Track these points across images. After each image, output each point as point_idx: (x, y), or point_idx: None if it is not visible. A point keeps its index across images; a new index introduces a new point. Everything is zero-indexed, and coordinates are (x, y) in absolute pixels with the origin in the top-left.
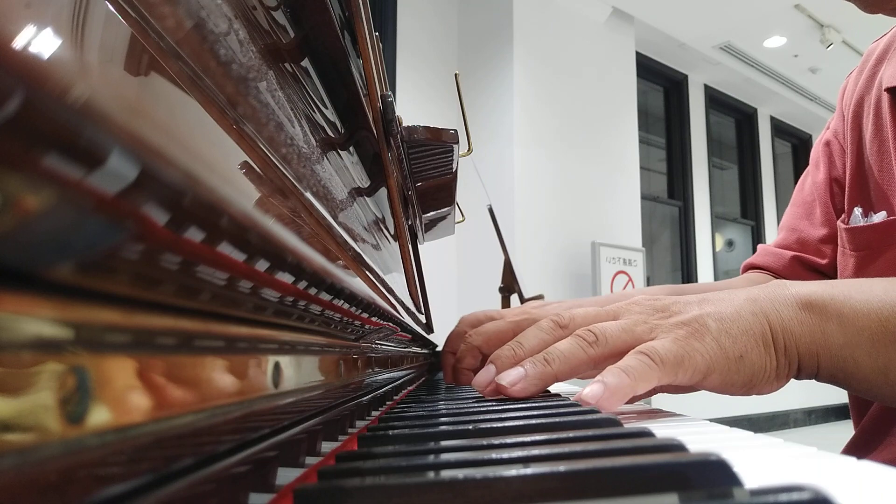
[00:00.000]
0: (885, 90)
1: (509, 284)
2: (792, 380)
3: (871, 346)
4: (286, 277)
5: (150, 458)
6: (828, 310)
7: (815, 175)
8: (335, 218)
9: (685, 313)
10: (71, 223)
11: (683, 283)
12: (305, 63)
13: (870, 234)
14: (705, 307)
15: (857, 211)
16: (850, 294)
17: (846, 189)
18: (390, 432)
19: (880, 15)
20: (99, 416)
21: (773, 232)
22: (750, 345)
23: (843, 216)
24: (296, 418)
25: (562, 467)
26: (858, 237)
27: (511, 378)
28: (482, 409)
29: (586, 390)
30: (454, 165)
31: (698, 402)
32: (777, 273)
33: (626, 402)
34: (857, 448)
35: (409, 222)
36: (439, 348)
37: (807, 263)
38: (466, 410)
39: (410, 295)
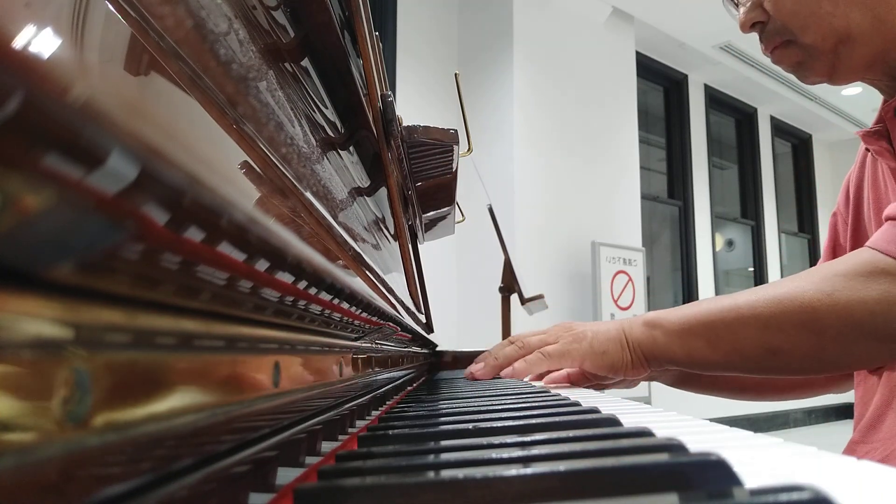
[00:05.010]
0: (865, 149)
1: (509, 284)
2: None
3: (679, 342)
4: (286, 277)
5: (150, 457)
6: (656, 324)
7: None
8: (335, 218)
9: (576, 331)
10: (71, 223)
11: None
12: (305, 63)
13: None
14: (591, 328)
15: None
16: (671, 312)
17: (847, 250)
18: (390, 432)
19: None
20: (99, 415)
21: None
22: (611, 346)
23: None
24: (296, 418)
25: (562, 467)
26: None
27: (475, 367)
28: (482, 408)
29: (504, 371)
30: (454, 165)
31: (699, 403)
32: None
33: (537, 379)
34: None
35: (409, 222)
36: (439, 348)
37: None
38: (466, 410)
39: (410, 295)
